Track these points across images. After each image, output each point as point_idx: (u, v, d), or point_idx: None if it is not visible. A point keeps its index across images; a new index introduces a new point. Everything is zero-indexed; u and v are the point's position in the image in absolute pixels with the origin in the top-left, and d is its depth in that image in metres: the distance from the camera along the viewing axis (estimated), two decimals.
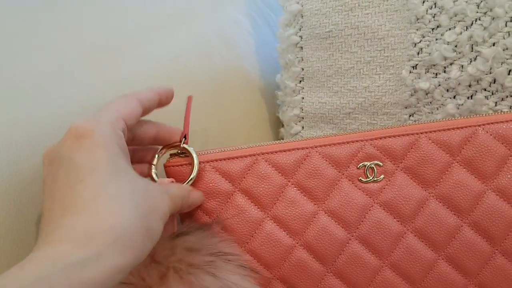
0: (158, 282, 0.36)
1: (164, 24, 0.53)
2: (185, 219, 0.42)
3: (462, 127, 0.40)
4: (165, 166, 0.42)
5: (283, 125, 0.58)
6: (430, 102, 0.46)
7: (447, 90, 0.45)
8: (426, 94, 0.46)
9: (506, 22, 0.42)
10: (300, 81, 0.54)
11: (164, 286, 0.36)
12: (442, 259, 0.40)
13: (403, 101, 0.47)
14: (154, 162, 0.41)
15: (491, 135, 0.40)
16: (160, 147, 0.42)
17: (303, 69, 0.53)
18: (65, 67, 0.42)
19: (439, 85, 0.45)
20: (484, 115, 0.41)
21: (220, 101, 0.55)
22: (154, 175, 0.41)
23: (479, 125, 0.40)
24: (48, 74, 0.41)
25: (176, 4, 0.56)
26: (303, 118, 0.55)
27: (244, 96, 0.59)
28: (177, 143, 0.41)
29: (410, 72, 0.46)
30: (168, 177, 0.41)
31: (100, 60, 0.45)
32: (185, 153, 0.41)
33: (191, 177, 0.40)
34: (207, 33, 0.57)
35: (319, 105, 0.53)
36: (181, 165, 0.41)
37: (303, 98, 0.54)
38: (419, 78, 0.46)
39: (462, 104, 0.45)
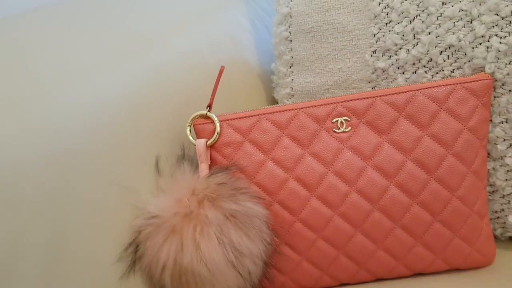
0: (197, 207, 0.51)
1: (179, 24, 0.68)
2: (212, 164, 0.58)
3: (405, 91, 0.56)
4: (194, 125, 0.58)
5: (277, 103, 0.73)
6: (386, 78, 0.63)
7: (398, 68, 0.62)
8: (383, 71, 0.63)
9: (437, 17, 0.58)
10: (290, 67, 0.70)
11: (201, 209, 0.51)
12: (393, 185, 0.56)
13: (366, 78, 0.64)
14: (188, 129, 0.57)
15: (426, 96, 0.56)
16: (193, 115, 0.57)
17: (292, 57, 0.69)
18: (94, 61, 0.51)
19: (392, 64, 0.62)
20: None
21: (228, 85, 0.71)
22: (190, 138, 0.57)
23: (417, 90, 0.56)
24: (81, 66, 0.49)
25: (187, 8, 0.71)
26: (293, 95, 0.71)
27: (247, 81, 0.75)
28: (203, 112, 0.57)
29: (371, 55, 0.63)
30: (196, 132, 0.57)
31: (125, 54, 0.55)
32: (208, 117, 0.57)
33: (217, 132, 0.56)
34: (216, 31, 0.73)
35: (305, 84, 0.69)
36: (205, 123, 0.57)
37: (292, 79, 0.70)
38: (378, 60, 0.62)
39: (409, 78, 0.61)
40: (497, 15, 0.54)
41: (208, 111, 0.57)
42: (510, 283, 0.55)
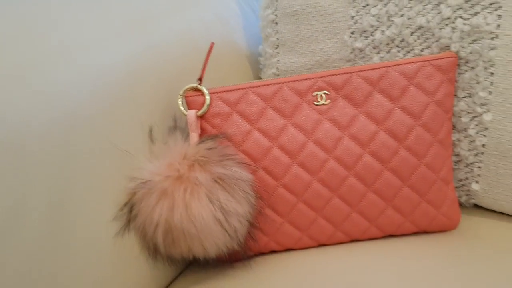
0: (188, 170, 0.56)
1: (174, 6, 0.72)
2: (202, 133, 0.63)
3: (379, 68, 0.62)
4: (186, 97, 0.63)
5: None
6: (363, 57, 0.68)
7: (374, 48, 0.67)
8: (360, 51, 0.68)
9: (409, 0, 0.64)
10: (276, 48, 0.75)
11: (192, 172, 0.56)
12: (367, 153, 0.62)
13: (345, 57, 0.69)
14: (180, 100, 0.62)
15: (397, 72, 0.62)
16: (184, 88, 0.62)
17: (278, 39, 0.75)
18: (95, 35, 0.55)
19: (368, 44, 0.67)
20: None
21: (218, 65, 0.76)
22: (182, 108, 0.62)
23: (390, 66, 0.62)
24: (68, 48, 0.51)
25: None
26: (278, 75, 0.76)
27: (235, 62, 0.80)
28: (194, 85, 0.62)
29: (349, 36, 0.68)
30: (187, 103, 0.62)
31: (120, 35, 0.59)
32: (199, 90, 0.62)
33: (206, 103, 0.61)
34: (208, 14, 0.77)
35: (289, 64, 0.74)
36: (196, 96, 0.62)
37: (278, 60, 0.75)
38: (356, 41, 0.68)
39: (383, 57, 0.67)
40: None
41: (199, 84, 0.62)
42: (472, 245, 0.61)
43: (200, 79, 0.62)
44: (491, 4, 0.59)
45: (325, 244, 0.65)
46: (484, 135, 0.63)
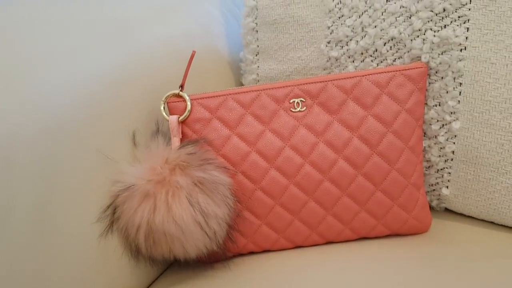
0: (169, 174, 0.58)
1: (157, 13, 0.74)
2: (183, 138, 0.65)
3: (353, 77, 0.64)
4: (168, 103, 0.65)
5: None
6: (339, 65, 0.71)
7: (349, 57, 0.70)
8: (336, 60, 0.71)
9: (382, 12, 0.67)
10: (256, 55, 0.78)
11: (173, 176, 0.57)
12: (341, 158, 0.64)
13: (322, 65, 0.72)
14: (162, 106, 0.64)
15: (370, 81, 0.64)
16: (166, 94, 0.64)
17: (258, 46, 0.77)
18: (80, 43, 0.56)
19: (344, 54, 0.70)
20: None
21: (200, 71, 0.78)
22: (164, 114, 0.64)
23: (363, 76, 0.64)
24: (62, 51, 0.53)
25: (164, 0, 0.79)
26: (258, 81, 0.78)
27: (217, 67, 0.82)
28: (176, 91, 0.65)
29: (326, 45, 0.71)
30: (169, 109, 0.65)
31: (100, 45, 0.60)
32: (181, 96, 0.65)
33: (187, 109, 0.63)
34: (190, 21, 0.80)
35: (269, 70, 0.77)
36: (178, 102, 0.65)
37: (258, 66, 0.78)
38: (332, 50, 0.71)
39: (358, 66, 0.69)
40: (432, 11, 0.63)
41: (181, 90, 0.64)
42: (443, 248, 0.63)
43: (181, 86, 0.64)
44: (459, 17, 0.62)
45: (302, 245, 0.67)
46: (454, 142, 0.66)
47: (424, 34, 0.64)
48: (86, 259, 0.53)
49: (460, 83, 0.63)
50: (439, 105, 0.65)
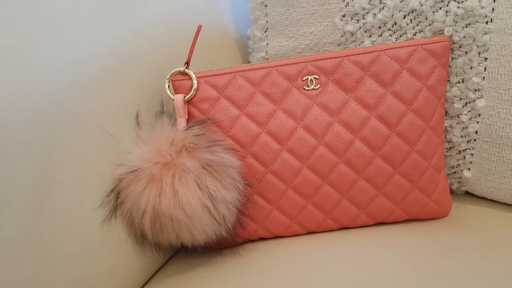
0: (175, 156, 0.55)
1: None
2: (190, 119, 0.61)
3: (371, 52, 0.60)
4: (173, 81, 0.61)
5: None
6: (354, 41, 0.67)
7: (365, 31, 0.66)
8: (352, 35, 0.67)
9: None
10: (265, 31, 0.74)
11: (180, 158, 0.54)
12: (358, 139, 0.61)
13: (336, 41, 0.68)
14: (167, 85, 0.61)
15: (389, 57, 0.60)
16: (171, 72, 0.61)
17: (267, 22, 0.73)
18: (80, 19, 0.54)
19: (360, 28, 0.66)
20: None
21: (207, 49, 0.74)
22: (169, 93, 0.60)
23: (382, 50, 0.60)
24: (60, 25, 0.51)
25: None
26: (267, 59, 0.74)
27: (224, 45, 0.79)
28: (181, 69, 0.61)
29: (340, 19, 0.67)
30: (174, 87, 0.61)
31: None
32: (186, 74, 0.61)
33: (194, 88, 0.59)
34: None
35: (279, 48, 0.73)
36: (183, 80, 0.61)
37: (267, 44, 0.74)
38: (347, 24, 0.66)
39: (375, 41, 0.65)
40: None
41: (186, 67, 0.60)
42: (464, 233, 0.60)
43: (187, 63, 0.61)
44: None
45: (315, 231, 0.64)
46: (477, 122, 0.62)
47: (447, 6, 0.59)
48: (88, 246, 0.51)
49: (485, 58, 0.59)
50: (463, 82, 0.61)
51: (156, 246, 0.59)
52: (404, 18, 0.62)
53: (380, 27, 0.64)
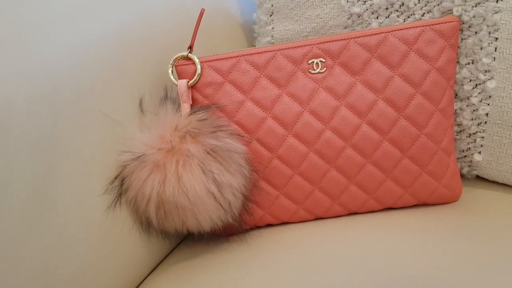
0: (179, 142, 0.54)
1: None
2: (193, 104, 0.60)
3: (378, 33, 0.59)
4: (176, 66, 0.60)
5: None
6: (361, 23, 0.65)
7: (372, 13, 0.64)
8: (358, 16, 0.65)
9: None
10: (271, 15, 0.72)
11: (184, 144, 0.54)
12: (365, 123, 0.59)
13: (343, 23, 0.66)
14: (170, 70, 0.60)
15: (397, 38, 0.59)
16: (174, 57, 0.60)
17: (272, 5, 0.71)
18: (81, 4, 0.53)
19: (367, 9, 0.64)
20: None
21: (211, 33, 0.73)
22: (172, 78, 0.59)
23: (389, 32, 0.59)
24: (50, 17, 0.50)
25: None
26: (273, 43, 0.73)
27: (228, 30, 0.77)
28: (185, 53, 0.60)
29: (347, 1, 0.65)
30: (178, 72, 0.60)
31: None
32: (190, 59, 0.60)
33: (197, 72, 0.58)
34: None
35: (285, 32, 0.71)
36: (187, 65, 0.60)
37: (273, 28, 0.73)
38: (353, 5, 0.65)
39: (382, 22, 0.64)
40: None
41: (189, 52, 0.59)
42: (474, 218, 0.59)
43: (190, 47, 0.60)
44: None
45: (322, 217, 0.63)
46: (488, 104, 0.60)
47: None
48: (92, 234, 0.50)
49: (496, 38, 0.57)
50: (473, 63, 0.60)
51: (162, 233, 0.59)
52: None
53: (387, 8, 0.62)
